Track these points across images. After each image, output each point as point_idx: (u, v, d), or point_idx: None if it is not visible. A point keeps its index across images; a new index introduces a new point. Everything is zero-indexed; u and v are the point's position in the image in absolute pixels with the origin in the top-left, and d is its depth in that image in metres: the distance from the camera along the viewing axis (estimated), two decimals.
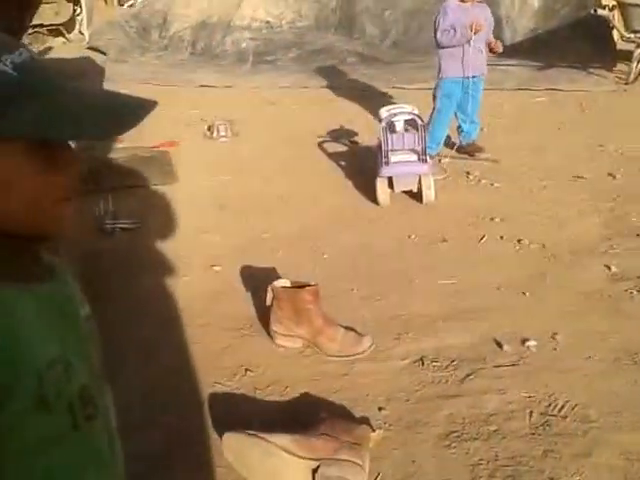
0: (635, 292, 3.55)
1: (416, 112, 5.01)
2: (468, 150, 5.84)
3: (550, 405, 2.73)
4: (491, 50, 5.66)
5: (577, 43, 8.84)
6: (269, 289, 3.29)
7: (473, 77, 5.61)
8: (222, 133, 6.53)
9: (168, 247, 4.33)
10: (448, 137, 5.92)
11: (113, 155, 6.01)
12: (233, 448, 2.51)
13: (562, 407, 2.71)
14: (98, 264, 4.06)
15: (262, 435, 2.47)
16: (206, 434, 2.71)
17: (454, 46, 5.50)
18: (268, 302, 3.31)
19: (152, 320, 3.55)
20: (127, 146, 6.21)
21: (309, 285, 3.22)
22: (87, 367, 0.96)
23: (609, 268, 3.81)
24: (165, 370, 3.14)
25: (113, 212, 4.71)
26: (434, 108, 5.75)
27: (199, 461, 2.59)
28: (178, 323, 3.50)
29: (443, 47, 5.60)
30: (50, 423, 0.85)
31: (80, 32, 11.28)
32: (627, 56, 7.96)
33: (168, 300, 3.73)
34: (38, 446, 0.85)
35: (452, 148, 5.96)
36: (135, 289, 3.87)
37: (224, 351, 3.26)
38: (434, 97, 5.79)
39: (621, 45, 8.88)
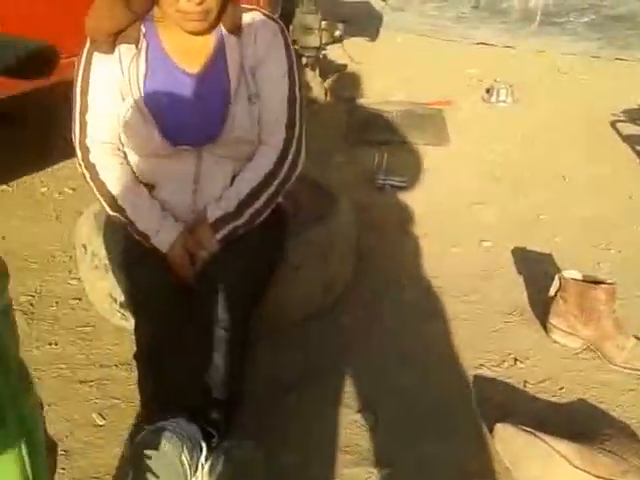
0: None
1: None
2: None
3: None
4: None
5: None
6: (556, 278, 2.99)
7: None
8: (502, 97, 6.17)
9: (437, 212, 4.16)
10: None
11: (386, 108, 5.92)
12: (504, 439, 2.34)
13: None
14: (368, 218, 3.97)
15: (540, 435, 2.27)
16: (470, 414, 2.57)
17: None
18: (551, 292, 3.01)
19: (416, 286, 3.41)
20: (402, 100, 6.10)
21: (605, 283, 2.88)
22: None
23: None
24: (427, 337, 3.02)
25: (386, 168, 4.60)
26: None
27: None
28: (444, 293, 3.34)
29: None
30: None
31: None
32: None
33: (434, 268, 3.56)
34: None
35: None
36: (401, 248, 3.75)
37: (492, 335, 3.05)
38: None
39: None
